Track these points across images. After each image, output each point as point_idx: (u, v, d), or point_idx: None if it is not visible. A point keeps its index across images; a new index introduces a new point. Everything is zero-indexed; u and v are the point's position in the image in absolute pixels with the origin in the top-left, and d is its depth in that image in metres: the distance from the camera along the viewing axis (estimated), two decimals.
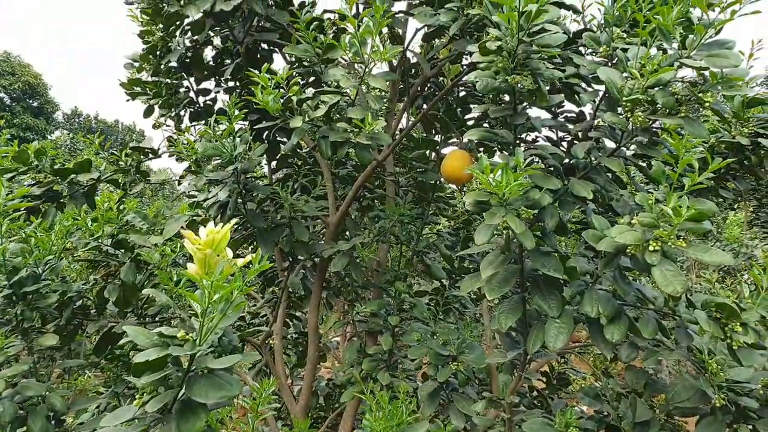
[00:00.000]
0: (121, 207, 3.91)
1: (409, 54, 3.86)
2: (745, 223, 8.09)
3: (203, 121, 4.42)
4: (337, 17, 4.32)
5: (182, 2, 3.30)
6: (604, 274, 2.21)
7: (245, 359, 1.48)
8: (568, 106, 3.16)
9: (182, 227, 3.46)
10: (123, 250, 3.45)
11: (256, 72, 2.78)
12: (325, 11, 4.34)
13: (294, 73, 2.99)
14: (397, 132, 4.09)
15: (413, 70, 4.29)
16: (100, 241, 3.36)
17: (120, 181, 3.71)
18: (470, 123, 4.21)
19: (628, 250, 1.92)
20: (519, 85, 2.11)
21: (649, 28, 2.23)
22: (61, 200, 3.54)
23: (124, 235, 3.45)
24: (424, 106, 4.58)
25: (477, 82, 2.14)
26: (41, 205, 3.50)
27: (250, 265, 1.46)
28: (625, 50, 2.46)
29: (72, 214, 3.38)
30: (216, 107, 4.46)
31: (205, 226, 1.49)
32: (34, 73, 36.71)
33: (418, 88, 3.97)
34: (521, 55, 2.11)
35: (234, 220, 1.54)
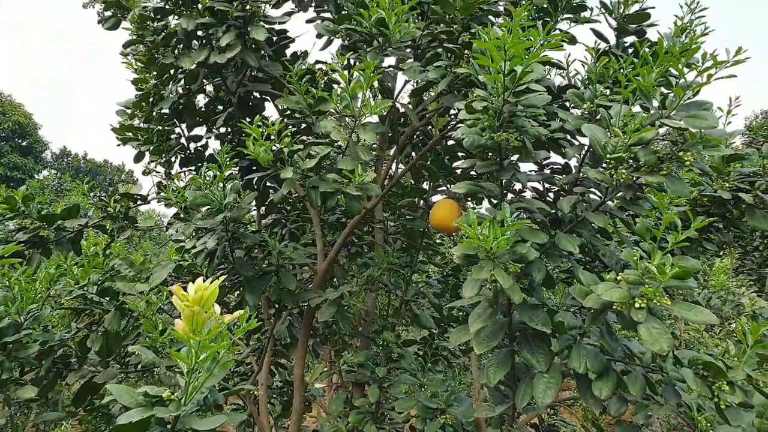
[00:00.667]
0: (108, 252, 3.89)
1: (398, 104, 3.95)
2: (732, 270, 8.16)
3: (193, 167, 4.45)
4: (329, 68, 4.44)
5: (176, 54, 3.36)
6: (591, 329, 2.22)
7: (230, 420, 1.46)
8: (555, 157, 3.23)
9: (170, 273, 3.43)
10: (108, 298, 3.41)
11: (248, 123, 2.83)
12: (317, 62, 4.44)
13: (285, 124, 3.04)
14: (386, 179, 4.14)
15: (402, 119, 4.37)
16: (85, 288, 3.32)
17: (108, 227, 3.69)
18: (458, 171, 4.27)
19: (614, 306, 1.94)
20: (505, 141, 2.16)
21: (631, 87, 2.31)
22: (47, 246, 3.51)
23: (110, 282, 3.41)
24: (413, 153, 4.66)
25: (464, 138, 2.19)
26: (26, 251, 3.47)
27: (238, 322, 1.46)
28: (608, 108, 2.54)
29: (57, 261, 3.35)
30: (207, 153, 4.50)
31: (193, 279, 1.49)
32: (24, 112, 36.81)
33: (407, 138, 4.04)
34: (507, 114, 2.17)
35: (223, 277, 1.54)
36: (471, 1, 2.65)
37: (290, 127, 3.03)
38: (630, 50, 3.21)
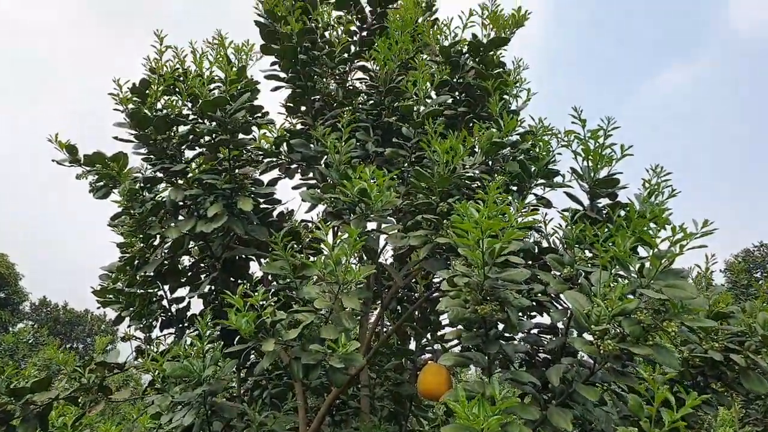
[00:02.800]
0: (77, 424, 3.65)
1: (382, 261, 4.00)
2: (737, 420, 7.84)
3: (174, 329, 4.35)
4: (313, 228, 4.54)
5: (163, 225, 3.43)
6: None
7: None
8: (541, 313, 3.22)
9: None
10: None
11: (233, 285, 2.81)
12: (303, 221, 4.56)
13: (267, 291, 3.03)
14: (372, 338, 4.05)
15: (387, 274, 4.39)
16: None
17: (80, 400, 3.50)
18: (444, 326, 4.22)
19: None
20: (489, 314, 2.16)
21: (607, 256, 2.36)
22: (11, 423, 3.30)
23: None
24: (399, 308, 4.63)
25: (448, 311, 2.18)
26: None
27: None
28: (588, 273, 2.58)
29: None
30: (189, 314, 4.43)
31: None
32: (7, 263, 36.59)
33: (392, 296, 4.03)
34: (488, 287, 2.18)
35: None
36: (447, 175, 2.79)
37: (273, 296, 3.02)
38: (605, 211, 3.34)
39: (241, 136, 3.72)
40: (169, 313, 4.36)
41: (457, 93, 4.00)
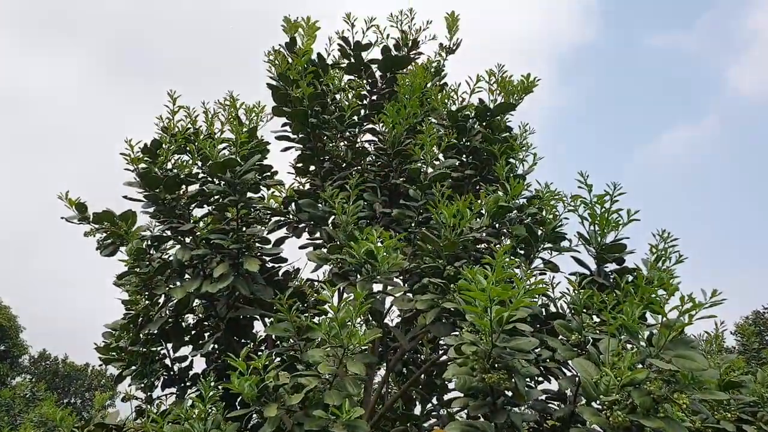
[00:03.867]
0: None
1: (387, 322, 3.96)
2: None
3: (176, 388, 4.28)
4: (318, 290, 4.52)
5: (169, 284, 3.44)
6: None
7: None
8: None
9: None
10: None
11: (237, 344, 2.78)
12: (308, 280, 4.55)
13: (271, 354, 3.00)
14: (377, 402, 3.97)
15: (392, 335, 4.34)
16: None
17: None
18: (451, 389, 4.13)
19: None
20: (496, 384, 2.12)
21: (616, 324, 2.34)
22: None
23: None
24: (404, 370, 4.55)
25: (455, 380, 2.15)
26: None
27: None
28: (596, 340, 2.55)
29: None
30: (191, 373, 4.37)
31: None
32: (9, 315, 36.34)
33: (398, 359, 3.98)
34: (496, 355, 2.16)
35: None
36: (454, 239, 2.80)
37: (277, 358, 2.99)
38: (612, 276, 3.32)
39: (249, 194, 3.77)
40: (171, 372, 4.30)
41: (463, 156, 4.07)
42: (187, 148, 3.84)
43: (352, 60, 4.50)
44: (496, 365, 2.16)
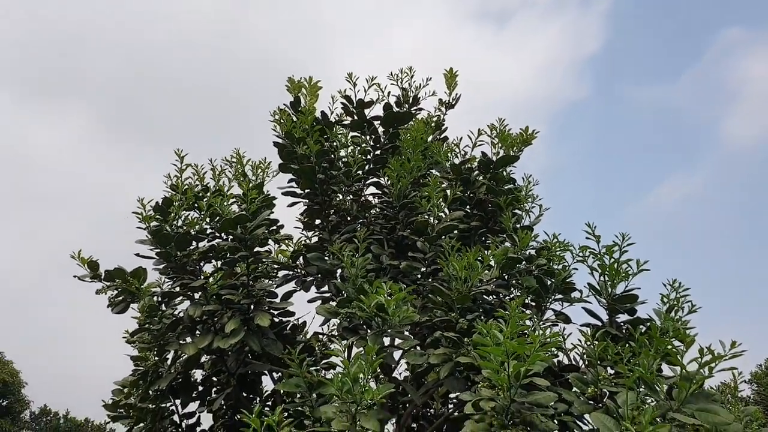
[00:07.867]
0: None
1: (396, 373, 3.90)
2: None
3: None
4: (327, 339, 4.49)
5: (180, 341, 3.42)
6: None
7: None
8: None
9: None
10: None
11: (247, 413, 2.74)
12: (315, 333, 4.52)
13: (284, 410, 2.95)
14: None
15: (401, 388, 4.27)
16: None
17: None
18: None
19: None
20: None
21: (633, 376, 2.31)
22: None
23: None
24: (414, 426, 4.45)
25: None
26: None
27: None
28: (613, 393, 2.51)
29: None
30: (198, 429, 4.30)
31: None
32: (12, 370, 35.86)
33: (409, 414, 3.90)
34: (514, 410, 2.13)
35: None
36: (465, 293, 2.80)
37: (289, 418, 2.94)
38: (624, 327, 3.30)
39: (258, 249, 3.80)
40: (180, 429, 4.24)
41: (468, 207, 4.11)
42: (197, 205, 3.89)
43: (356, 117, 4.60)
44: (514, 420, 2.13)
